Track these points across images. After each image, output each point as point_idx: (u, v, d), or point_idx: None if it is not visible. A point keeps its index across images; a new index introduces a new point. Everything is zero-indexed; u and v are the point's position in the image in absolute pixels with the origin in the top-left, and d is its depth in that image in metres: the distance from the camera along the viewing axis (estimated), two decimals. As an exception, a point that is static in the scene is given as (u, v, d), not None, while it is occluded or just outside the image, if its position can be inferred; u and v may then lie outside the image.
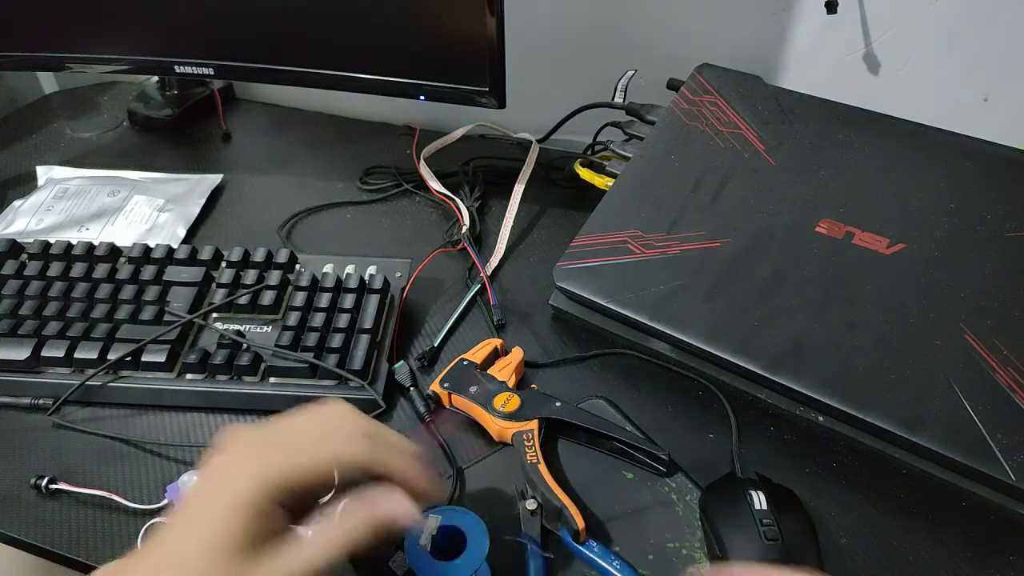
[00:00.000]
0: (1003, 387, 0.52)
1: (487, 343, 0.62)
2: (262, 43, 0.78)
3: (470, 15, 0.70)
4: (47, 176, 0.83)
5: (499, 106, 0.75)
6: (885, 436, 0.53)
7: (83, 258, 0.66)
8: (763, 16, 0.77)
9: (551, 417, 0.56)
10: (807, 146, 0.66)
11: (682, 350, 0.61)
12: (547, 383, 0.60)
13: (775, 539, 0.46)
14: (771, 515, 0.47)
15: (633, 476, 0.54)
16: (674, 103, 0.71)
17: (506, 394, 0.57)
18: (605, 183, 0.73)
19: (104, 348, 0.59)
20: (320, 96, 0.95)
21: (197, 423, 0.58)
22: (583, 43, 0.84)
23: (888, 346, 0.55)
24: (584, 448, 0.56)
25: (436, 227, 0.78)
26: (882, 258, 0.59)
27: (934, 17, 0.72)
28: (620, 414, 0.57)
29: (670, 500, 0.53)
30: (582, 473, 0.55)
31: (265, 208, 0.80)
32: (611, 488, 0.54)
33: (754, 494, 0.49)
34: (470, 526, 0.46)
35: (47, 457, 0.56)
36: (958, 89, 0.75)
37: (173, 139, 0.92)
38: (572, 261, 0.64)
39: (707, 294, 0.60)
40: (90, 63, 0.82)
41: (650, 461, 0.54)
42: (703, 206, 0.64)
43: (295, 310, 0.61)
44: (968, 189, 0.61)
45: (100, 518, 0.52)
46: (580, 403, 0.58)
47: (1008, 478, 0.49)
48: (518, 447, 0.54)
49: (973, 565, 0.49)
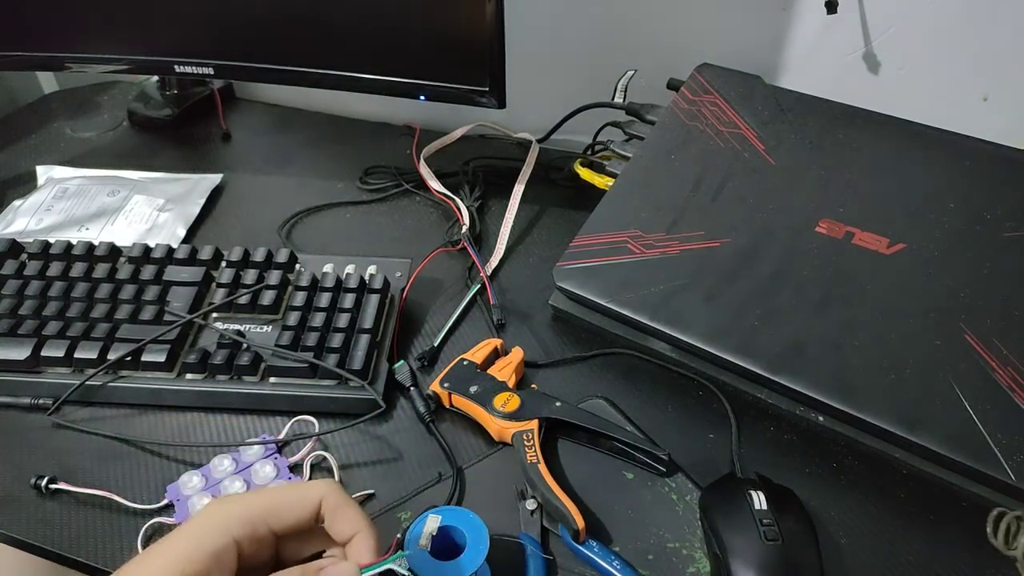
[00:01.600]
0: (1003, 387, 0.52)
1: (487, 343, 0.62)
2: (262, 43, 0.78)
3: (470, 15, 0.70)
4: (47, 176, 0.83)
5: (499, 106, 0.75)
6: (885, 436, 0.53)
7: (83, 258, 0.66)
8: (763, 16, 0.77)
9: (551, 417, 0.56)
10: (807, 146, 0.66)
11: (682, 350, 0.61)
12: (547, 383, 0.60)
13: (775, 539, 0.46)
14: (771, 515, 0.47)
15: (633, 476, 0.54)
16: (674, 103, 0.71)
17: (506, 394, 0.57)
18: (605, 183, 0.73)
19: (104, 348, 0.59)
20: (320, 96, 0.95)
21: (197, 423, 0.58)
22: (583, 43, 0.84)
23: (888, 346, 0.55)
24: (584, 448, 0.56)
25: (436, 227, 0.78)
26: (882, 258, 0.59)
27: (934, 17, 0.72)
28: (620, 414, 0.57)
29: (670, 500, 0.53)
30: (582, 473, 0.55)
31: (265, 208, 0.80)
32: (611, 488, 0.54)
33: (754, 494, 0.49)
34: (470, 526, 0.46)
35: (47, 457, 0.56)
36: (958, 89, 0.75)
37: (173, 139, 0.92)
38: (572, 261, 0.64)
39: (707, 294, 0.60)
40: (90, 63, 0.82)
41: (650, 461, 0.54)
42: (703, 206, 0.64)
43: (295, 310, 0.61)
44: (968, 189, 0.61)
45: (100, 518, 0.52)
46: (580, 403, 0.58)
47: (1008, 478, 0.49)
48: (518, 447, 0.54)
49: (973, 565, 0.49)
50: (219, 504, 0.38)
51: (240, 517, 0.37)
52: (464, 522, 0.46)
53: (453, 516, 0.46)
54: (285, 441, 0.56)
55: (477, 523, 0.46)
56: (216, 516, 0.37)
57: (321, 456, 0.55)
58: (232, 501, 0.39)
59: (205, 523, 0.37)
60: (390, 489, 0.53)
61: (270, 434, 0.57)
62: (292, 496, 0.39)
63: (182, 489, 0.53)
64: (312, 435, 0.56)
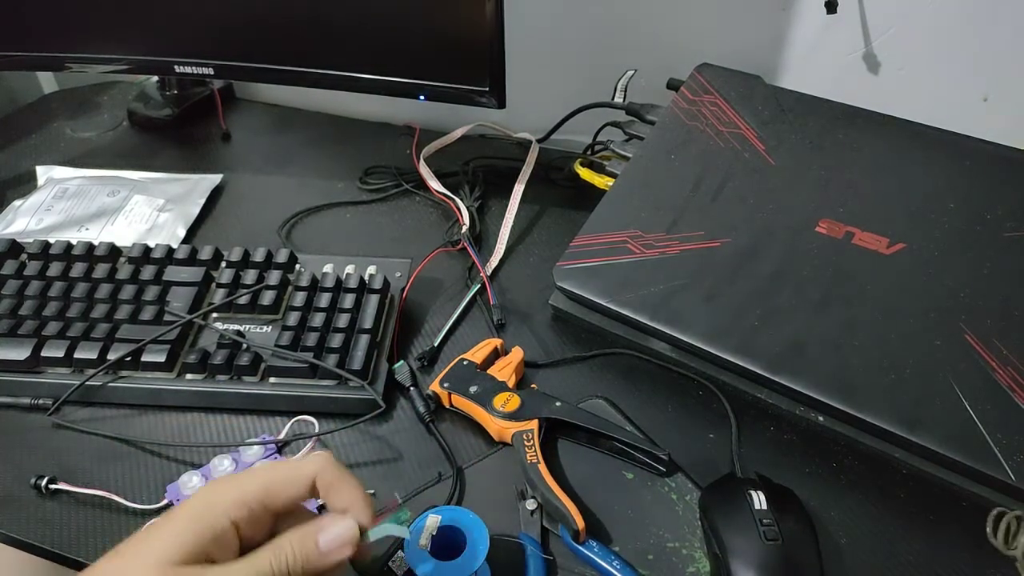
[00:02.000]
0: (1003, 387, 0.52)
1: (487, 343, 0.62)
2: (262, 43, 0.78)
3: (470, 15, 0.70)
4: (47, 176, 0.83)
5: (499, 106, 0.75)
6: (885, 436, 0.53)
7: (83, 258, 0.66)
8: (763, 16, 0.77)
9: (551, 417, 0.56)
10: (807, 146, 0.66)
11: (682, 350, 0.61)
12: (547, 383, 0.60)
13: (775, 539, 0.46)
14: (771, 515, 0.47)
15: (633, 476, 0.54)
16: (674, 103, 0.71)
17: (506, 394, 0.57)
18: (605, 183, 0.73)
19: (104, 348, 0.59)
20: (320, 96, 0.95)
21: (197, 423, 0.58)
22: (583, 43, 0.84)
23: (888, 346, 0.55)
24: (584, 448, 0.56)
25: (436, 227, 0.78)
26: (882, 258, 0.59)
27: (934, 17, 0.72)
28: (620, 414, 0.57)
29: (670, 500, 0.53)
30: (582, 473, 0.55)
31: (265, 208, 0.80)
32: (611, 488, 0.54)
33: (754, 494, 0.49)
34: (470, 526, 0.46)
35: (47, 457, 0.56)
36: (958, 89, 0.75)
37: (173, 139, 0.92)
38: (572, 261, 0.64)
39: (707, 294, 0.60)
40: (90, 63, 0.82)
41: (650, 461, 0.54)
42: (703, 206, 0.64)
43: (295, 310, 0.61)
44: (968, 189, 0.61)
45: (100, 518, 0.52)
46: (580, 403, 0.58)
47: (1008, 478, 0.49)
48: (518, 447, 0.54)
49: (973, 565, 0.49)
50: (214, 488, 0.38)
51: (236, 501, 0.37)
52: (464, 522, 0.46)
53: (453, 516, 0.46)
54: (285, 441, 0.56)
55: (477, 523, 0.46)
56: (213, 498, 0.37)
57: (321, 456, 0.55)
58: (226, 484, 0.38)
59: (199, 506, 0.37)
60: (390, 489, 0.53)
61: (270, 434, 0.57)
62: (286, 474, 0.39)
63: (182, 489, 0.53)
64: (312, 435, 0.56)
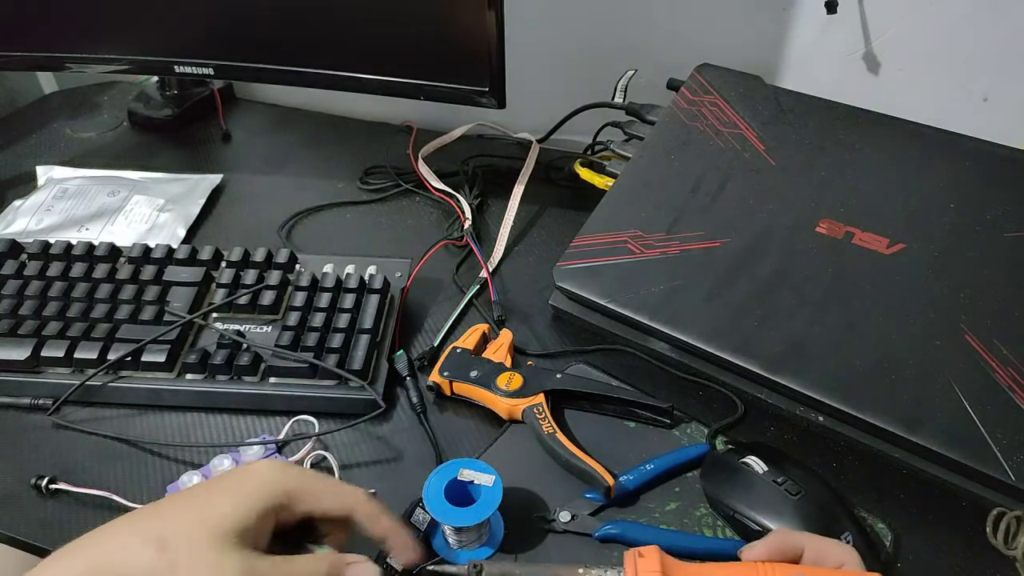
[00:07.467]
0: (1003, 387, 0.52)
1: (475, 329, 0.62)
2: (262, 43, 0.78)
3: (470, 15, 0.70)
4: (47, 176, 0.83)
5: (499, 106, 0.75)
6: (885, 436, 0.53)
7: (83, 258, 0.66)
8: (763, 16, 0.77)
9: (557, 388, 0.57)
10: (807, 146, 0.66)
11: (682, 350, 0.61)
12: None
13: (799, 492, 0.47)
14: (780, 472, 0.49)
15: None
16: (674, 103, 0.71)
17: (508, 374, 0.58)
18: (605, 183, 0.73)
19: (104, 348, 0.59)
20: (320, 96, 0.95)
21: (197, 423, 0.58)
22: (583, 43, 0.84)
23: (888, 346, 0.55)
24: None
25: (436, 227, 0.78)
26: (882, 258, 0.59)
27: (934, 17, 0.72)
28: (606, 374, 0.59)
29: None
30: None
31: (265, 208, 0.80)
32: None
33: (750, 461, 0.50)
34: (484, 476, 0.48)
35: (47, 457, 0.56)
36: (958, 89, 0.75)
37: (173, 139, 0.92)
38: (572, 261, 0.64)
39: (707, 294, 0.60)
40: (90, 63, 0.82)
41: (655, 416, 0.56)
42: (703, 206, 0.64)
43: (295, 310, 0.61)
44: (968, 189, 0.60)
45: (100, 518, 0.52)
46: (565, 369, 0.59)
47: (1008, 478, 0.49)
48: (530, 421, 0.55)
49: (973, 565, 0.49)
50: (274, 469, 0.40)
51: (289, 490, 0.39)
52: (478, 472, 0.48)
53: (472, 468, 0.48)
54: (285, 441, 0.56)
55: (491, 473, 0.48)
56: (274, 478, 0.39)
57: (321, 456, 0.55)
58: (286, 470, 0.40)
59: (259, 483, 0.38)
60: (390, 489, 0.53)
61: (270, 434, 0.57)
62: (332, 492, 0.41)
63: (182, 489, 0.53)
64: (312, 435, 0.56)
